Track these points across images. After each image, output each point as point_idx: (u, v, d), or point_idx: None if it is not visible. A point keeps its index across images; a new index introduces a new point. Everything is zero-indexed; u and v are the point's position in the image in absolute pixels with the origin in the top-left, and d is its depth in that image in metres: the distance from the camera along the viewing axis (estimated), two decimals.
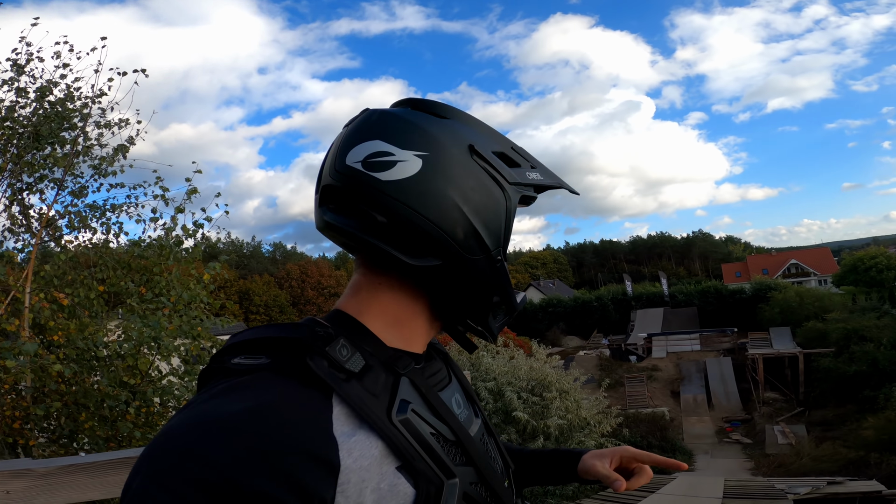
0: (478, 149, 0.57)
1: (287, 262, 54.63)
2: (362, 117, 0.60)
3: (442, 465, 0.51)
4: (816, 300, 25.37)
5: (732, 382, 20.94)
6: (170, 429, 0.43)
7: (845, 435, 13.71)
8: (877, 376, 15.69)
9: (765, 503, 4.37)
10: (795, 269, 46.86)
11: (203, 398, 0.46)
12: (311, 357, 0.48)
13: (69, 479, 1.14)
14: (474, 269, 0.56)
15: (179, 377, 3.26)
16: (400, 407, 0.51)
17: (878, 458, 10.36)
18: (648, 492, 4.98)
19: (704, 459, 15.12)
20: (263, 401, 0.44)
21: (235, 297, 37.01)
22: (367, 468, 0.46)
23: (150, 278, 3.56)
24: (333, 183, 0.56)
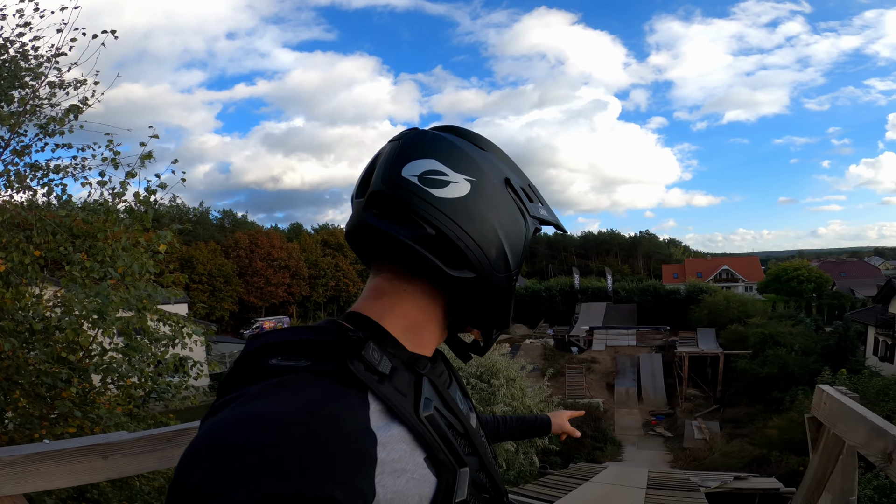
0: (512, 182, 0.65)
1: (236, 230, 52.18)
2: (415, 135, 0.65)
3: (457, 455, 0.57)
4: (741, 305, 27.11)
5: (661, 378, 22.21)
6: (222, 424, 0.45)
7: (752, 433, 14.75)
8: (786, 379, 16.98)
9: (681, 494, 4.78)
10: (726, 275, 50.30)
11: (250, 395, 0.47)
12: (351, 361, 0.51)
13: (35, 467, 1.12)
14: (497, 285, 0.63)
15: (123, 353, 3.11)
16: (425, 404, 0.56)
17: (778, 456, 11.17)
18: (582, 480, 5.34)
19: (631, 450, 16.01)
20: (311, 398, 0.47)
21: (177, 264, 35.10)
22: (399, 460, 0.51)
23: (93, 244, 3.34)
24: (385, 191, 0.60)
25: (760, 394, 18.02)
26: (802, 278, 35.83)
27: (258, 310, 45.36)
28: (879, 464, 1.55)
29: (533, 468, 8.62)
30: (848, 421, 1.87)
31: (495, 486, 0.65)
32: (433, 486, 0.54)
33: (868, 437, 1.68)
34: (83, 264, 3.15)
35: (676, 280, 45.95)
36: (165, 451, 1.36)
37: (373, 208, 0.61)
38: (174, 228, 3.60)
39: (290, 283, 46.95)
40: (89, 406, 2.78)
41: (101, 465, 1.22)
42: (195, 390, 3.73)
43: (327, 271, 50.54)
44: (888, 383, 11.16)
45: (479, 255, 0.60)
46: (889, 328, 18.76)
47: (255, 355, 0.54)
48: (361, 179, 0.65)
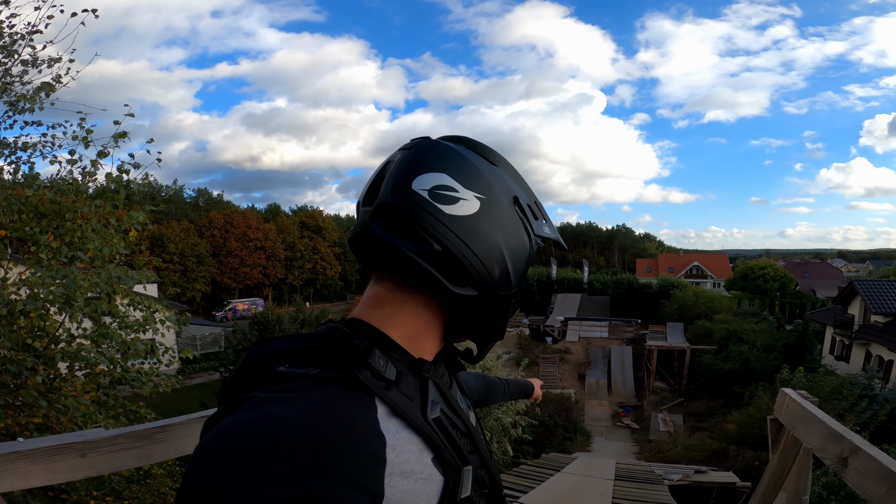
0: (520, 201, 0.66)
1: (211, 209, 50.78)
2: (426, 146, 0.65)
3: (461, 454, 0.59)
4: (709, 301, 27.68)
5: (630, 370, 22.68)
6: (237, 425, 0.45)
7: (713, 427, 15.13)
8: (746, 375, 17.52)
9: (647, 486, 4.96)
10: (696, 271, 51.73)
11: (262, 399, 0.48)
12: (359, 369, 0.52)
13: (10, 466, 1.10)
14: (498, 303, 0.64)
15: (91, 339, 3.02)
16: (432, 407, 0.58)
17: (736, 450, 11.50)
18: (554, 470, 5.49)
19: (600, 441, 16.41)
20: (323, 402, 0.48)
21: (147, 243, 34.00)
22: (407, 461, 0.52)
23: (61, 224, 3.20)
24: (394, 203, 0.60)
25: (722, 388, 18.50)
26: (768, 277, 36.93)
27: (231, 291, 44.55)
28: (834, 467, 1.59)
29: (506, 457, 8.82)
30: (807, 424, 1.92)
31: (494, 482, 0.67)
32: (440, 485, 0.56)
33: (825, 440, 1.73)
34: (50, 245, 3.03)
35: (650, 274, 46.93)
36: (144, 448, 1.34)
37: (380, 219, 0.61)
38: (147, 209, 3.47)
39: (266, 264, 46.20)
40: (55, 394, 2.69)
41: (79, 464, 1.20)
42: (167, 378, 3.66)
43: (304, 253, 49.89)
44: (842, 382, 11.49)
45: (482, 274, 0.61)
46: (847, 328, 19.46)
47: (262, 362, 0.55)
48: (369, 187, 0.65)
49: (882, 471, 1.32)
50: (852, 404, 10.81)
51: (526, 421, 10.15)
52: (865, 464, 1.41)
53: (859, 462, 1.45)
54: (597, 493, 4.59)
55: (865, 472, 1.40)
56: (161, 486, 3.46)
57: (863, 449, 1.44)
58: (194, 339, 23.92)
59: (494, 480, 0.67)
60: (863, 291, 18.68)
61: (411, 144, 0.66)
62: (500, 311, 0.65)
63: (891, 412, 11.55)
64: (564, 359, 23.86)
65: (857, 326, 18.97)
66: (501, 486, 0.70)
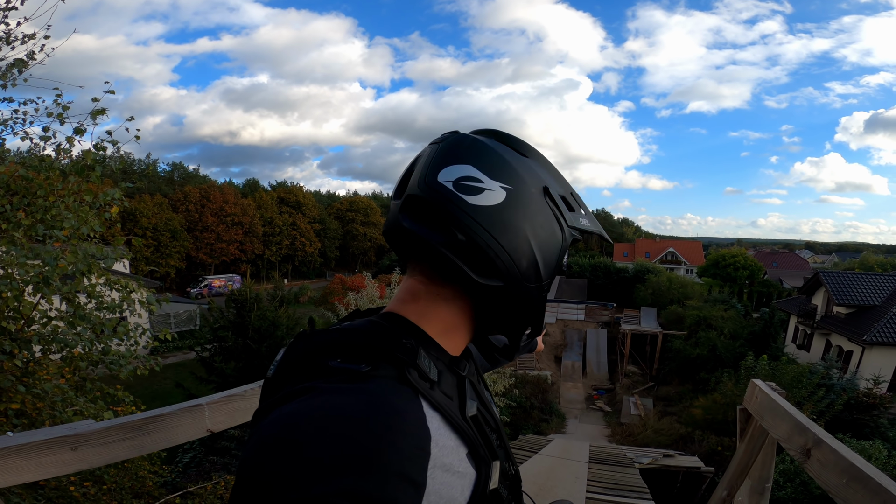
0: (550, 191, 0.64)
1: (186, 184, 49.24)
2: (455, 139, 0.65)
3: (491, 449, 0.61)
4: (681, 287, 28.31)
5: (605, 353, 23.18)
6: (295, 415, 0.47)
7: (681, 411, 15.53)
8: (714, 361, 17.89)
9: (619, 469, 5.17)
10: (671, 257, 52.90)
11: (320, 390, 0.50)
12: (408, 370, 0.55)
13: (2, 462, 1.09)
14: (527, 295, 0.64)
15: (68, 322, 2.94)
16: (469, 406, 0.60)
17: (701, 435, 11.71)
18: (532, 452, 5.65)
19: (574, 423, 16.72)
20: (378, 395, 0.50)
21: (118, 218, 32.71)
22: (447, 456, 0.55)
23: (32, 201, 3.08)
24: (420, 195, 0.61)
25: (690, 374, 18.89)
26: (738, 265, 37.89)
27: (207, 267, 43.65)
28: (798, 458, 1.63)
29: None
30: (775, 415, 1.97)
31: (516, 473, 0.71)
32: (473, 479, 0.58)
33: (791, 432, 1.78)
34: (22, 223, 2.92)
35: (626, 259, 47.88)
36: (136, 440, 1.33)
37: (408, 211, 0.62)
38: (123, 186, 3.36)
39: (243, 240, 45.30)
40: (29, 378, 2.63)
41: (71, 457, 1.19)
42: (146, 360, 3.61)
43: (283, 229, 49.08)
44: (802, 371, 11.70)
45: (508, 265, 0.61)
46: (809, 318, 19.97)
47: (314, 355, 0.57)
48: (400, 180, 0.66)
49: (843, 463, 1.35)
50: (810, 393, 11.09)
51: (504, 402, 10.34)
52: (827, 456, 1.45)
53: (821, 454, 1.48)
54: (573, 475, 4.76)
55: (827, 464, 1.44)
56: (139, 470, 3.45)
57: (825, 441, 1.48)
58: (168, 317, 23.09)
59: (516, 472, 0.70)
60: (827, 283, 19.14)
61: (441, 138, 0.66)
62: (529, 304, 0.65)
63: (846, 402, 11.90)
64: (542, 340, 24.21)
65: (820, 317, 19.45)
66: (519, 477, 0.73)
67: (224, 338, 10.86)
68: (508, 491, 0.67)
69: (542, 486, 4.09)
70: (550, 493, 3.74)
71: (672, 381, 20.06)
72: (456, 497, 0.56)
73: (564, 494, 3.88)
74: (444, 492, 0.54)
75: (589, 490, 4.24)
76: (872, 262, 47.80)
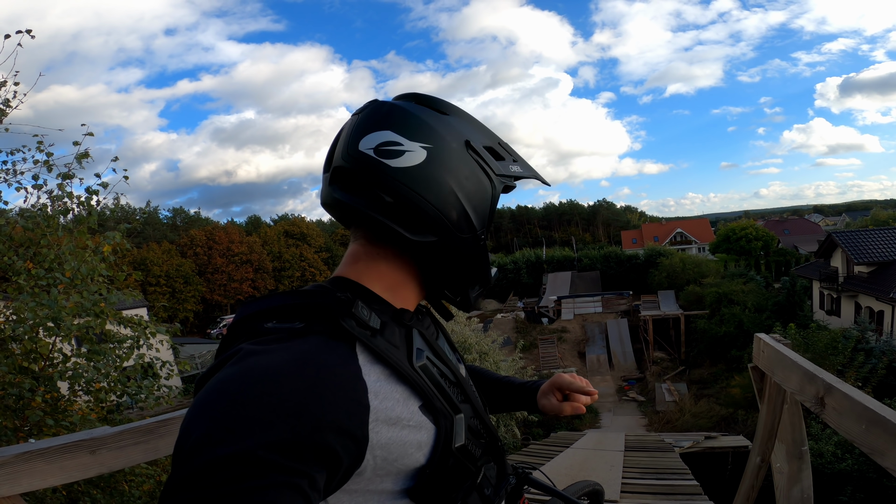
0: (472, 144, 0.66)
1: (190, 228, 49.99)
2: (373, 107, 0.66)
3: (451, 403, 0.61)
4: (696, 266, 27.88)
5: (629, 343, 22.78)
6: (225, 378, 0.47)
7: (717, 393, 15.10)
8: (742, 337, 17.33)
9: (657, 454, 5.04)
10: (680, 238, 52.22)
11: (246, 351, 0.50)
12: (343, 319, 0.54)
13: (27, 466, 1.13)
14: (462, 246, 0.65)
15: (86, 358, 3.01)
16: (417, 355, 0.59)
17: (744, 414, 11.33)
18: (563, 447, 5.55)
19: (608, 417, 16.44)
20: (304, 351, 0.50)
21: (129, 268, 33.20)
22: (392, 408, 0.54)
23: (38, 251, 3.18)
24: (345, 165, 0.63)
25: (721, 353, 18.39)
26: (750, 237, 37.22)
27: (223, 307, 44.03)
28: (814, 409, 1.53)
29: (516, 440, 8.85)
30: (784, 367, 1.86)
31: (489, 432, 0.69)
32: (432, 432, 0.58)
33: (801, 382, 1.68)
34: (29, 272, 3.01)
35: (635, 245, 47.20)
36: (150, 443, 1.38)
37: (337, 182, 0.64)
38: (122, 228, 3.44)
39: (254, 277, 45.69)
40: (62, 414, 2.73)
41: (90, 461, 1.24)
42: (168, 390, 3.68)
43: (292, 262, 49.41)
44: (835, 336, 11.11)
45: (437, 218, 0.62)
46: (832, 282, 19.32)
47: (250, 320, 0.57)
48: (328, 154, 0.68)
49: (858, 408, 1.27)
50: (849, 359, 10.63)
51: None
52: (841, 402, 1.37)
53: (835, 401, 1.41)
54: (608, 464, 4.65)
55: (843, 411, 1.36)
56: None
57: (836, 387, 1.40)
58: (193, 358, 23.73)
59: (490, 430, 0.69)
60: (842, 243, 18.58)
61: (362, 108, 0.68)
62: (468, 254, 0.66)
63: (888, 365, 11.35)
64: (562, 338, 23.91)
65: (842, 279, 18.81)
66: (498, 437, 0.72)
67: None
68: (483, 450, 0.66)
69: (574, 477, 4.01)
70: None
71: (703, 362, 19.61)
72: (411, 452, 0.56)
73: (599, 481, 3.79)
74: (393, 446, 0.53)
75: (625, 476, 4.15)
76: (884, 217, 46.85)
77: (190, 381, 20.55)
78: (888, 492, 5.16)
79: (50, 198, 3.25)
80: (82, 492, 2.79)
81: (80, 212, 3.27)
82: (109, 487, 2.93)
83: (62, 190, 3.20)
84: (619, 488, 3.75)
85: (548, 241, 61.85)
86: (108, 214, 3.39)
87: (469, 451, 0.62)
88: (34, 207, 3.27)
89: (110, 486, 2.94)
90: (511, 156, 0.72)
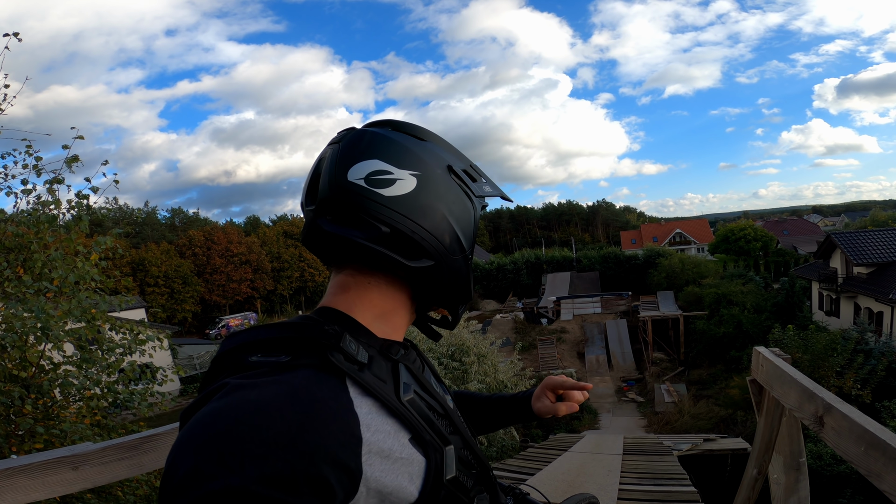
0: (454, 168, 0.68)
1: (189, 228, 49.94)
2: (353, 136, 0.65)
3: (441, 435, 0.60)
4: (695, 266, 27.88)
5: (628, 343, 22.76)
6: (213, 412, 0.46)
7: (716, 394, 14.99)
8: (741, 338, 17.38)
9: (655, 458, 5.01)
10: (679, 238, 52.28)
11: (234, 385, 0.48)
12: (331, 353, 0.54)
13: (8, 482, 1.12)
14: (455, 267, 0.67)
15: (76, 365, 2.98)
16: (405, 389, 0.59)
17: (743, 416, 11.26)
18: (561, 450, 5.52)
19: (607, 418, 16.39)
20: (294, 384, 0.49)
21: (127, 269, 33.18)
22: (384, 441, 0.53)
23: (28, 257, 3.15)
24: (334, 196, 0.62)
25: (720, 353, 18.36)
26: (749, 238, 37.26)
27: (222, 308, 44.00)
28: (813, 427, 1.51)
29: (514, 442, 8.81)
30: (783, 383, 1.85)
31: (480, 462, 0.69)
32: (422, 465, 0.57)
33: (800, 399, 1.66)
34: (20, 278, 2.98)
35: (634, 246, 47.25)
36: (134, 459, 1.37)
37: (326, 215, 0.63)
38: (115, 233, 3.41)
39: (253, 277, 45.64)
40: (53, 421, 2.71)
41: (74, 476, 1.23)
42: (162, 396, 3.66)
43: (291, 263, 49.36)
44: (834, 338, 11.11)
45: (434, 244, 0.64)
46: (831, 283, 19.29)
47: (235, 353, 0.56)
48: (308, 186, 0.67)
49: (857, 429, 1.25)
50: (848, 360, 10.58)
51: None
52: (840, 423, 1.35)
53: (834, 421, 1.38)
54: (605, 468, 4.62)
55: (841, 432, 1.33)
56: None
57: (835, 407, 1.38)
58: (191, 359, 23.69)
59: (480, 461, 0.69)
60: (841, 244, 18.56)
61: (339, 137, 0.67)
62: (460, 275, 0.68)
63: (888, 366, 11.28)
64: (562, 338, 23.92)
65: (841, 279, 18.78)
66: (489, 467, 0.71)
67: None
68: (474, 480, 0.65)
69: (572, 483, 4.00)
70: (580, 489, 3.65)
71: (702, 363, 19.58)
72: (404, 485, 0.55)
73: (596, 488, 3.78)
74: (386, 479, 0.53)
75: (623, 481, 4.12)
76: (883, 218, 46.87)
77: (188, 382, 20.52)
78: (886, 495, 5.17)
79: (38, 203, 3.22)
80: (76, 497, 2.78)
81: (69, 217, 3.25)
82: (104, 493, 2.91)
83: (51, 195, 3.17)
84: (616, 495, 3.72)
85: (547, 241, 61.91)
86: (105, 214, 3.37)
87: (461, 482, 0.62)
88: (24, 213, 3.25)
89: (105, 492, 2.93)
90: (482, 177, 0.74)
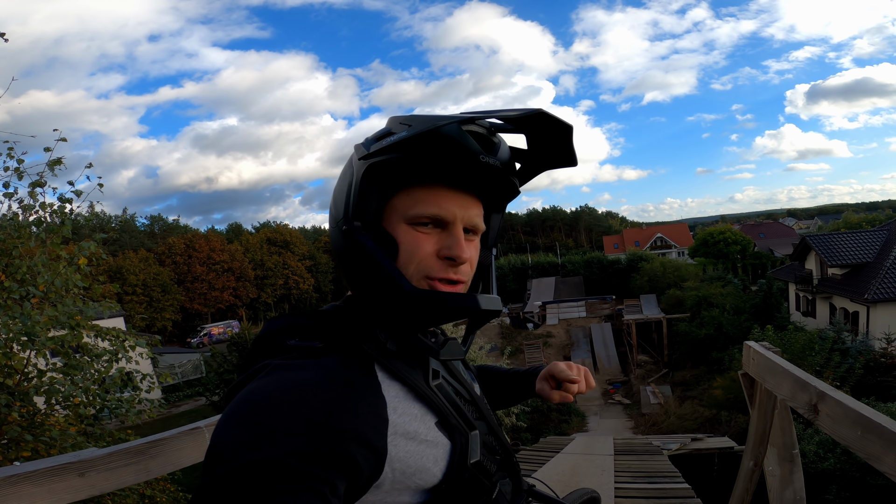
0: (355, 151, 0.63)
1: (168, 236, 48.88)
2: None
3: (467, 420, 0.63)
4: (676, 270, 28.54)
5: (612, 347, 23.01)
6: (258, 390, 0.50)
7: (700, 394, 15.24)
8: (722, 339, 17.69)
9: (646, 458, 5.05)
10: (660, 242, 53.22)
11: (275, 366, 0.53)
12: (364, 342, 0.58)
13: (13, 489, 1.10)
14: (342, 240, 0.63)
15: (63, 373, 2.92)
16: (433, 375, 0.63)
17: (727, 415, 11.42)
18: (553, 452, 5.54)
19: (595, 420, 16.52)
20: (329, 368, 0.53)
21: (104, 276, 32.19)
22: (409, 423, 0.56)
23: (10, 262, 3.07)
24: None
25: (702, 355, 18.66)
26: (728, 241, 38.03)
27: (203, 316, 43.08)
28: (807, 415, 1.55)
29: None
30: (775, 375, 1.89)
31: (504, 448, 0.71)
32: (447, 448, 0.59)
33: (793, 389, 1.70)
34: (1, 284, 2.90)
35: (617, 250, 48.03)
36: (140, 464, 1.36)
37: None
38: (98, 238, 3.35)
39: (236, 285, 44.81)
40: (39, 429, 2.66)
41: (80, 483, 1.21)
42: (150, 403, 3.59)
43: (275, 270, 48.67)
44: (812, 338, 11.28)
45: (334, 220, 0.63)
46: (807, 284, 19.75)
47: (275, 335, 0.60)
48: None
49: (852, 415, 1.28)
50: (826, 359, 10.83)
51: (519, 408, 10.23)
52: (834, 409, 1.38)
53: (828, 408, 1.42)
54: (599, 468, 4.65)
55: (836, 418, 1.37)
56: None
57: (828, 394, 1.42)
58: (173, 367, 23.23)
59: (504, 447, 0.71)
60: (816, 246, 19.03)
61: None
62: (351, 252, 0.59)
63: (865, 364, 11.58)
64: (548, 343, 24.09)
65: (816, 281, 19.25)
66: (513, 453, 0.73)
67: (230, 381, 10.71)
68: (497, 465, 0.67)
69: (567, 483, 4.01)
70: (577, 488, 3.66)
71: (685, 364, 19.84)
72: (428, 466, 0.57)
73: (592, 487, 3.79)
74: (410, 460, 0.55)
75: (617, 480, 4.15)
76: (855, 220, 48.49)
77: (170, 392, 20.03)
78: (872, 490, 5.30)
79: (21, 206, 3.15)
80: None
81: (52, 221, 3.17)
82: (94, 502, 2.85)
83: (33, 198, 3.10)
84: (613, 493, 3.75)
85: (532, 246, 62.38)
86: (83, 223, 3.29)
87: (484, 466, 0.63)
88: (6, 217, 3.17)
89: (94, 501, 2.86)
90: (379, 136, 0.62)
